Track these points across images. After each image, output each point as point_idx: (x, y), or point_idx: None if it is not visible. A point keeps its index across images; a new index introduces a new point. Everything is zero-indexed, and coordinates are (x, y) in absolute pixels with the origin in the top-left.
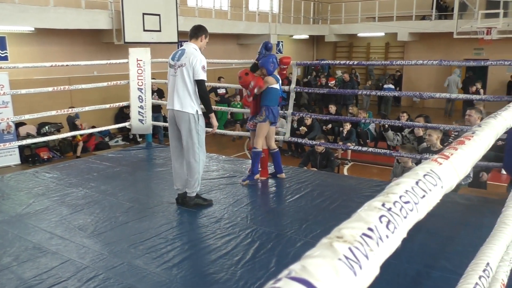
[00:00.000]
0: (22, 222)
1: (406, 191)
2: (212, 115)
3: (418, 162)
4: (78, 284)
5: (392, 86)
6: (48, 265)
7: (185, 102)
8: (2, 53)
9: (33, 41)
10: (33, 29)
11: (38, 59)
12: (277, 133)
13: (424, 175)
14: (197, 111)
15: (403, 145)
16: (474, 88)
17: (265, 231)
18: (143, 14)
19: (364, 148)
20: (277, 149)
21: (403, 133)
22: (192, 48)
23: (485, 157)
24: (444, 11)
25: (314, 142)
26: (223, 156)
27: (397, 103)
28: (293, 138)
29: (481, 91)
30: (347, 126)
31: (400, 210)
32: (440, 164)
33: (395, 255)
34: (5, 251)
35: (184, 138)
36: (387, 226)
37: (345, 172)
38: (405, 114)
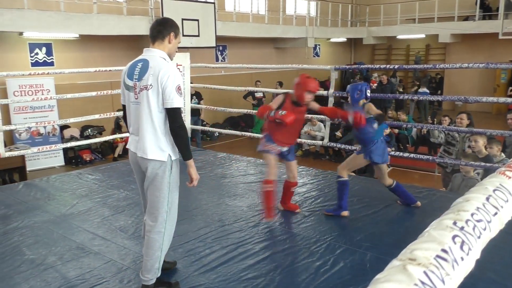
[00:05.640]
0: (66, 222)
1: (478, 208)
2: (190, 163)
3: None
4: (119, 285)
5: (427, 91)
6: (91, 265)
7: (150, 144)
8: (48, 59)
9: (77, 47)
10: (77, 35)
11: (81, 65)
12: (314, 138)
13: (494, 190)
14: (169, 156)
15: (465, 153)
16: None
17: (303, 236)
18: (182, 19)
19: (406, 154)
20: (394, 183)
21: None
22: (158, 58)
23: None
24: (488, 11)
25: (353, 147)
26: (260, 160)
27: (439, 106)
28: (331, 143)
29: None
30: (386, 130)
31: (473, 229)
32: (509, 177)
33: None
34: (50, 250)
35: (149, 195)
36: (461, 247)
37: None
38: (447, 118)
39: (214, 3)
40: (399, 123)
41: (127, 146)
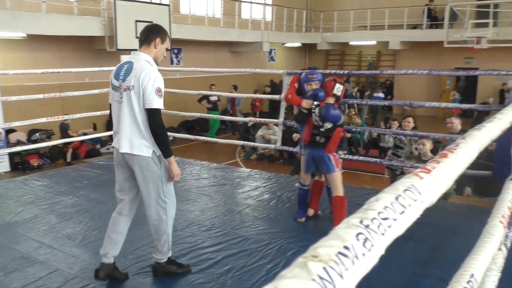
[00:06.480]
0: (10, 231)
1: (385, 207)
2: (171, 160)
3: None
4: None
5: (382, 95)
6: (36, 275)
7: (135, 141)
8: None
9: (25, 47)
10: (25, 35)
11: (29, 66)
12: (268, 141)
13: (404, 190)
14: (153, 151)
15: (410, 155)
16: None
17: (256, 239)
18: (136, 21)
19: (355, 157)
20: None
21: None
22: (142, 61)
23: (475, 166)
24: (435, 21)
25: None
26: (214, 164)
27: (389, 111)
28: (284, 147)
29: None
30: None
31: (378, 227)
32: (422, 178)
33: (384, 263)
34: None
35: (143, 190)
36: (363, 244)
37: None
38: (396, 122)
39: (169, 5)
40: (349, 127)
41: (112, 144)
